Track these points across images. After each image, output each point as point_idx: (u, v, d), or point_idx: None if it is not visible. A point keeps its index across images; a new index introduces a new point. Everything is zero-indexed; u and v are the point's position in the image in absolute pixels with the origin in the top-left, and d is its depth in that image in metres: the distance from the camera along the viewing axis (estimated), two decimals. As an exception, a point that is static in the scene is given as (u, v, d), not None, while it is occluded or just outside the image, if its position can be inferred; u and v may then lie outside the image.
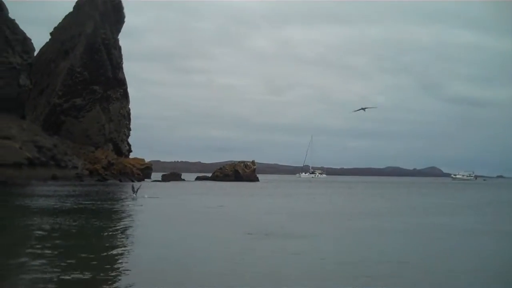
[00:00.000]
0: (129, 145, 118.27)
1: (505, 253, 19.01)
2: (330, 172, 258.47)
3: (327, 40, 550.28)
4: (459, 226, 27.28)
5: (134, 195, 43.22)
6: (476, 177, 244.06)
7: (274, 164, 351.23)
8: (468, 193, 79.43)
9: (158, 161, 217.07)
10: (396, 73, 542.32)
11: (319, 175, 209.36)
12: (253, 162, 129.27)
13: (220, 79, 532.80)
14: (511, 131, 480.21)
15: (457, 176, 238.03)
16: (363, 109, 38.45)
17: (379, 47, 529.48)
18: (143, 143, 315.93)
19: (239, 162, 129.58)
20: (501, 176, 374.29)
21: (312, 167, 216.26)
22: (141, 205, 37.46)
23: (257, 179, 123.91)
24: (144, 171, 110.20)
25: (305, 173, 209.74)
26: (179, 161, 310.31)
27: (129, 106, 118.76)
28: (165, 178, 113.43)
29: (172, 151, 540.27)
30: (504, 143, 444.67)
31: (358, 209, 38.73)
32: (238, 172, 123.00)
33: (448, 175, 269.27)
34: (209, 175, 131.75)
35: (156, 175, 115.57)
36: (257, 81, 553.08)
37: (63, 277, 12.63)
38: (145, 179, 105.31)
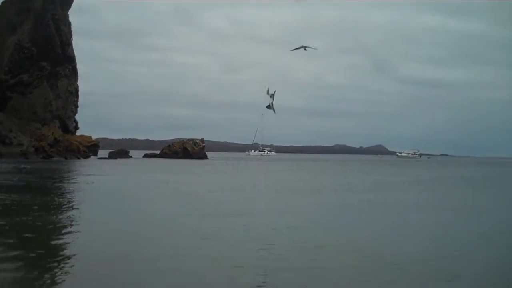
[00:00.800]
0: (76, 122, 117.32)
1: (447, 225, 20.40)
2: (279, 150, 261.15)
3: (283, 21, 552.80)
4: (404, 202, 29.03)
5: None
6: (420, 155, 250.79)
7: (224, 142, 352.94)
8: (408, 170, 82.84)
9: (106, 138, 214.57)
10: (351, 53, 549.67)
11: (269, 152, 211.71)
12: (202, 140, 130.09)
13: (176, 57, 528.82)
14: (458, 111, 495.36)
15: (402, 154, 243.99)
16: (304, 47, 38.31)
17: (335, 28, 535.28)
18: (93, 121, 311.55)
19: (188, 139, 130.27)
20: (445, 154, 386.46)
21: (262, 145, 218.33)
22: (90, 183, 38.25)
23: (206, 157, 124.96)
24: (90, 148, 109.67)
25: (255, 151, 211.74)
26: (128, 138, 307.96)
27: (78, 83, 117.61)
28: (112, 155, 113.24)
29: (121, 128, 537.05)
30: (450, 122, 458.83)
31: (310, 186, 40.30)
32: (187, 150, 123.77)
33: (393, 153, 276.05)
34: (158, 152, 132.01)
35: (103, 153, 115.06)
36: (213, 60, 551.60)
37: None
38: (92, 156, 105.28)
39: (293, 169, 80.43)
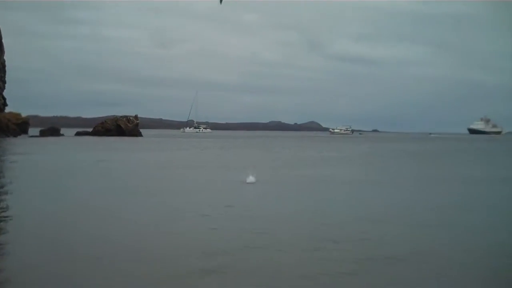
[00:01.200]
0: (4, 98, 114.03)
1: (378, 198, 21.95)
2: (215, 127, 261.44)
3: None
4: (339, 177, 30.41)
5: None
6: (352, 131, 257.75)
7: (159, 119, 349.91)
8: (343, 146, 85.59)
9: (37, 116, 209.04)
10: (286, 29, 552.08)
11: (204, 129, 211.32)
12: (136, 117, 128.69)
13: (105, 31, 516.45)
14: (388, 88, 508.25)
15: (335, 130, 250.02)
16: None
17: (269, 4, 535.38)
18: (21, 97, 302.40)
19: (121, 116, 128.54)
20: (376, 130, 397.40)
21: (197, 122, 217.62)
22: (15, 162, 38.17)
23: (140, 134, 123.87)
24: (20, 126, 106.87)
25: (190, 128, 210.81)
26: (59, 116, 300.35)
27: (4, 58, 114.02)
28: (43, 133, 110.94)
29: (51, 105, 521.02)
30: (380, 99, 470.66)
31: (249, 162, 41.11)
32: (121, 127, 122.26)
33: (327, 129, 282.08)
34: (90, 130, 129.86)
35: (34, 131, 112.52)
36: (145, 34, 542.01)
37: None
38: (22, 134, 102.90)
39: (229, 145, 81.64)
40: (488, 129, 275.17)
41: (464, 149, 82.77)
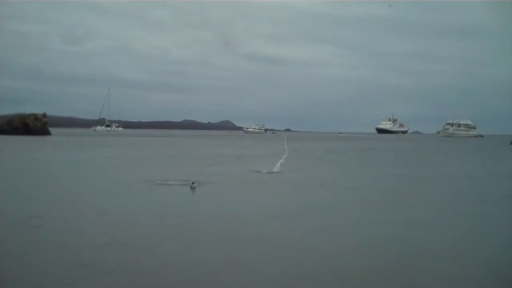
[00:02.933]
0: None
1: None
2: (127, 125, 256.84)
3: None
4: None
5: None
6: (266, 130, 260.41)
7: (69, 117, 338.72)
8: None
9: None
10: (198, 28, 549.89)
11: (116, 128, 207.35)
12: (44, 115, 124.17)
13: (11, 25, 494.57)
14: (299, 87, 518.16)
15: (249, 129, 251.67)
16: None
17: (181, 1, 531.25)
18: None
19: (29, 114, 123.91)
20: (288, 129, 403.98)
21: (109, 120, 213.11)
22: None
23: (49, 133, 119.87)
24: None
25: (101, 126, 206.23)
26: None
27: None
28: None
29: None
30: (291, 99, 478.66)
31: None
32: (28, 125, 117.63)
33: (240, 128, 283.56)
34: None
35: None
36: (51, 30, 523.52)
37: None
38: None
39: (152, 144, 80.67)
40: (395, 128, 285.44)
41: (376, 148, 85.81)
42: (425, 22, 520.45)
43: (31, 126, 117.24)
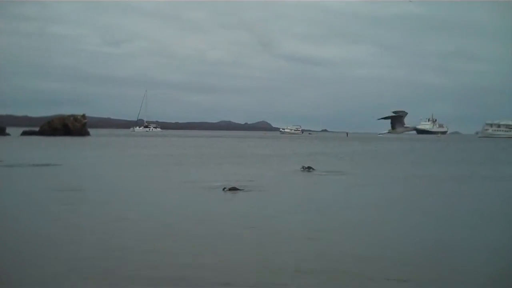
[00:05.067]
0: None
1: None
2: (164, 126, 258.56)
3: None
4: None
5: None
6: (302, 131, 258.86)
7: (107, 118, 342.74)
8: (293, 145, 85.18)
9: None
10: (234, 29, 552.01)
11: (154, 129, 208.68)
12: (83, 116, 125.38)
13: (52, 27, 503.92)
14: (335, 88, 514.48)
15: (285, 130, 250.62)
16: None
17: (217, 2, 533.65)
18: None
19: (68, 115, 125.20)
20: (325, 130, 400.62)
21: (147, 121, 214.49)
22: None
23: (88, 133, 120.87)
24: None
25: (139, 127, 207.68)
26: (4, 114, 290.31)
27: None
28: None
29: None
30: (328, 99, 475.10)
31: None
32: (68, 126, 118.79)
33: (277, 129, 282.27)
34: (37, 129, 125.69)
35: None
36: (92, 32, 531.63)
37: None
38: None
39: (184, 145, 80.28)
40: (434, 129, 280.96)
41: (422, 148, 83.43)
42: (465, 22, 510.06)
43: (70, 127, 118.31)
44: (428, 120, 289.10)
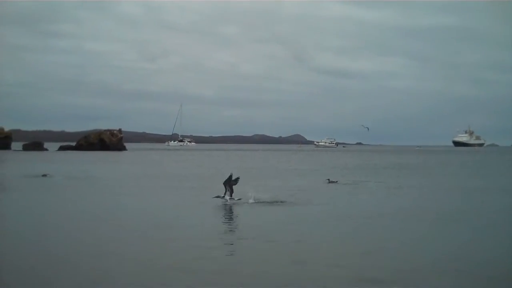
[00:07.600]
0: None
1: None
2: (199, 140, 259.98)
3: (197, 8, 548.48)
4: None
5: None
6: (337, 144, 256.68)
7: (142, 132, 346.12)
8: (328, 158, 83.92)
9: (19, 130, 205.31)
10: (267, 43, 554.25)
11: (188, 143, 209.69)
12: (119, 131, 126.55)
13: (87, 44, 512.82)
14: (371, 101, 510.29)
15: (320, 143, 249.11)
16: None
17: (249, 17, 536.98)
18: (4, 111, 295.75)
19: (105, 130, 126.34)
20: (359, 143, 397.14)
21: (181, 135, 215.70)
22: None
23: (124, 148, 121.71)
24: (3, 140, 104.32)
25: (174, 142, 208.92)
26: (42, 130, 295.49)
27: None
28: (26, 148, 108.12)
29: (34, 119, 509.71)
30: (363, 112, 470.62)
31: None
32: (104, 141, 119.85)
33: (311, 142, 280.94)
34: (74, 144, 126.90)
35: (17, 145, 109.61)
36: (125, 48, 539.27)
37: None
38: (5, 149, 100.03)
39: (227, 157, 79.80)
40: (472, 141, 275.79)
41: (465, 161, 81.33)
42: (497, 33, 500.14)
43: (107, 141, 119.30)
44: (465, 132, 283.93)
